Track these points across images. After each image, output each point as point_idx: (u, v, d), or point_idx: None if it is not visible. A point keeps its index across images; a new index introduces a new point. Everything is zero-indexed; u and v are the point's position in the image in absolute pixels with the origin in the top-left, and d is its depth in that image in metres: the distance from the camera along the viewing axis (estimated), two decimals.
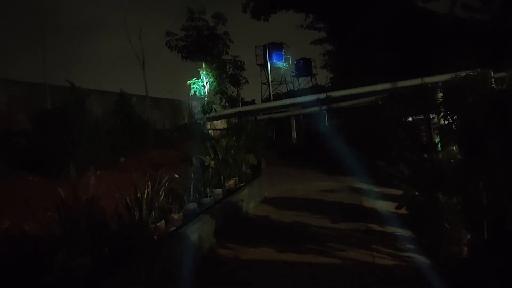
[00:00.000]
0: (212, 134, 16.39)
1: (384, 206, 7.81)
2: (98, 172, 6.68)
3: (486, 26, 21.72)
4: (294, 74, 38.03)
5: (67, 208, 3.91)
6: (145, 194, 5.29)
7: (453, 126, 6.02)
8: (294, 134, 25.61)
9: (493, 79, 5.71)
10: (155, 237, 5.08)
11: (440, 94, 7.41)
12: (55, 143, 6.22)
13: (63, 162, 5.97)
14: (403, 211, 6.58)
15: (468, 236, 4.95)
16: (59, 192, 3.89)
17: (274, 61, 33.64)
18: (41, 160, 6.18)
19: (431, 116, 12.80)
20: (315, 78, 38.08)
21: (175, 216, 5.91)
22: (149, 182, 5.41)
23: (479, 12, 22.62)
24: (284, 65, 35.18)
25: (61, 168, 5.99)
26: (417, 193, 6.02)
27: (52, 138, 6.22)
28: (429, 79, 14.88)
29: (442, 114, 6.16)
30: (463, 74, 5.84)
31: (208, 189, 7.50)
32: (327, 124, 20.54)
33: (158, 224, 5.42)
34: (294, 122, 25.87)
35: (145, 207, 5.20)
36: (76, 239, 3.82)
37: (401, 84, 15.69)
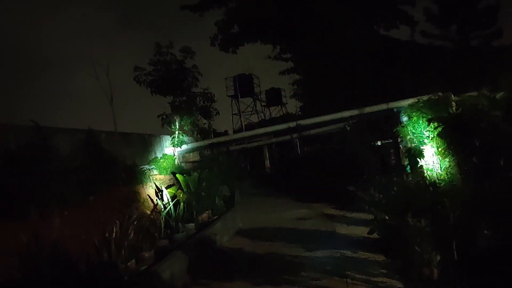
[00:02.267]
0: (185, 167, 16.23)
1: (356, 231, 7.86)
2: (66, 212, 6.49)
3: (445, 51, 22.78)
4: (264, 104, 38.50)
5: (29, 252, 3.78)
6: (114, 233, 5.18)
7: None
8: (267, 163, 25.67)
9: (454, 102, 5.94)
10: (125, 277, 4.94)
11: (405, 118, 7.67)
12: (17, 184, 6.02)
13: (26, 203, 5.78)
14: (375, 235, 6.64)
15: (438, 258, 5.02)
16: (20, 237, 3.76)
17: (244, 92, 34.03)
18: (3, 202, 5.96)
19: (399, 140, 13.15)
20: (286, 107, 38.67)
21: (146, 255, 5.76)
22: (117, 221, 5.30)
23: (438, 38, 23.74)
24: (254, 95, 35.63)
25: (24, 209, 5.78)
26: (387, 217, 6.10)
27: (14, 179, 6.03)
28: (394, 104, 15.27)
29: (408, 137, 6.35)
30: (425, 98, 6.06)
31: (180, 224, 7.39)
32: (299, 152, 20.74)
33: (128, 263, 5.27)
34: (267, 151, 25.99)
35: (113, 246, 5.08)
36: (39, 284, 3.68)
37: (368, 109, 16.04)
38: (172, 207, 7.62)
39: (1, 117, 9.35)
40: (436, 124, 5.46)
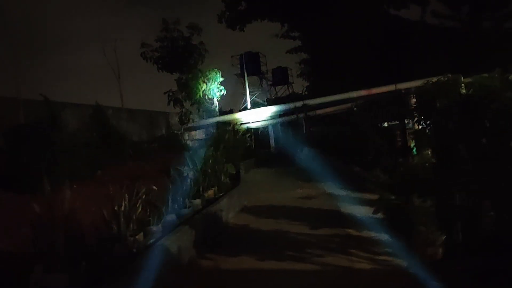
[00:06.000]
0: (191, 144, 16.32)
1: (361, 211, 7.92)
2: (74, 186, 6.59)
3: (456, 32, 22.41)
4: (271, 83, 38.27)
5: (42, 224, 3.86)
6: (122, 207, 5.25)
7: (427, 131, 6.19)
8: (272, 143, 25.70)
9: (463, 84, 5.89)
10: (134, 250, 5.04)
11: (414, 100, 7.62)
12: (29, 158, 6.12)
13: (38, 177, 5.87)
14: (380, 215, 6.70)
15: (443, 238, 5.08)
16: (33, 208, 3.83)
17: (251, 70, 33.79)
18: (15, 176, 6.06)
19: (406, 122, 13.11)
20: (292, 86, 38.42)
21: (154, 228, 5.86)
22: (126, 195, 5.37)
23: (449, 19, 23.31)
24: (261, 74, 35.42)
25: (36, 183, 5.88)
26: (392, 197, 6.14)
27: (26, 153, 6.12)
28: (402, 85, 15.20)
29: (416, 119, 6.33)
30: (434, 79, 6.02)
31: (186, 200, 7.48)
32: (304, 132, 20.73)
33: (136, 236, 5.37)
34: (273, 131, 25.98)
35: (122, 220, 5.16)
36: (52, 255, 3.77)
37: (375, 90, 15.98)
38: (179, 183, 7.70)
39: (11, 92, 9.44)
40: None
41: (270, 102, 31.65)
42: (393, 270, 4.86)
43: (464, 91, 5.56)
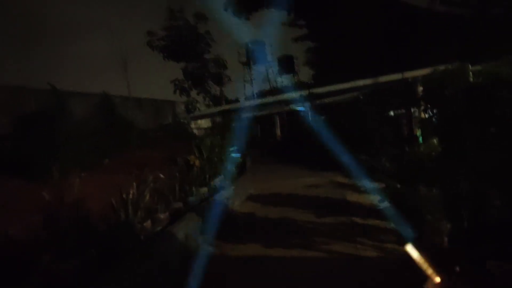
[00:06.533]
0: (197, 133, 16.38)
1: (367, 199, 7.94)
2: (83, 174, 6.66)
3: (464, 20, 22.08)
4: (276, 71, 38.09)
5: (52, 211, 3.91)
6: (130, 195, 5.31)
7: (433, 119, 6.17)
8: (278, 131, 25.71)
9: (471, 72, 5.85)
10: (142, 237, 5.11)
11: (421, 88, 7.58)
12: (38, 146, 6.17)
13: (47, 164, 5.94)
14: (386, 203, 6.71)
15: (449, 226, 5.08)
16: (43, 195, 3.88)
17: (256, 59, 33.63)
18: (24, 163, 6.12)
19: (412, 110, 13.04)
20: (298, 75, 38.23)
21: (161, 216, 5.93)
22: (134, 183, 5.42)
23: (457, 6, 22.96)
24: (267, 63, 35.24)
25: (45, 170, 5.96)
26: (398, 186, 6.15)
27: (34, 141, 6.18)
28: (409, 74, 15.07)
29: (422, 107, 6.30)
30: (442, 68, 5.97)
31: (193, 188, 7.53)
32: (310, 121, 20.68)
33: (144, 224, 5.44)
34: (278, 120, 25.96)
35: (130, 207, 5.22)
36: (62, 242, 3.83)
37: (382, 79, 15.86)
38: (186, 171, 7.75)
39: (20, 81, 9.50)
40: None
41: (276, 91, 31.55)
42: (399, 258, 4.87)
43: (472, 79, 5.52)
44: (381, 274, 4.62)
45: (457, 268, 3.73)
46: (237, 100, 32.83)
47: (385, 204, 6.76)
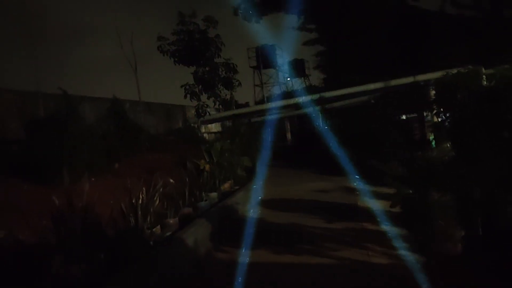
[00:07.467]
0: (207, 137, 16.39)
1: (377, 205, 7.84)
2: (93, 178, 6.69)
3: (477, 23, 21.86)
4: (287, 75, 38.11)
5: (62, 215, 3.92)
6: (140, 200, 5.31)
7: (446, 123, 6.08)
8: (288, 136, 25.66)
9: (484, 76, 5.76)
10: (151, 242, 5.09)
11: (433, 92, 7.48)
12: (48, 150, 6.20)
13: (57, 168, 5.97)
14: (397, 209, 6.62)
15: (462, 233, 4.99)
16: (53, 200, 3.89)
17: (267, 63, 33.70)
18: (35, 167, 6.15)
19: (425, 114, 12.91)
20: (308, 79, 38.21)
21: (171, 221, 5.92)
22: (144, 188, 5.43)
23: (469, 9, 22.75)
24: (277, 67, 35.30)
25: (55, 174, 5.99)
26: (410, 191, 6.06)
27: (45, 145, 6.21)
28: (421, 77, 14.94)
29: (435, 111, 6.22)
30: (454, 71, 5.89)
31: (203, 193, 7.52)
32: (321, 125, 20.57)
33: (153, 229, 5.43)
34: (288, 124, 25.91)
35: (140, 212, 5.22)
36: (71, 246, 3.83)
37: (393, 82, 15.75)
38: (195, 176, 7.74)
39: (31, 85, 9.59)
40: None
41: (286, 95, 31.53)
42: (411, 264, 4.79)
43: (485, 82, 5.43)
44: (393, 281, 4.54)
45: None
46: (247, 104, 32.89)
47: (396, 210, 6.68)
